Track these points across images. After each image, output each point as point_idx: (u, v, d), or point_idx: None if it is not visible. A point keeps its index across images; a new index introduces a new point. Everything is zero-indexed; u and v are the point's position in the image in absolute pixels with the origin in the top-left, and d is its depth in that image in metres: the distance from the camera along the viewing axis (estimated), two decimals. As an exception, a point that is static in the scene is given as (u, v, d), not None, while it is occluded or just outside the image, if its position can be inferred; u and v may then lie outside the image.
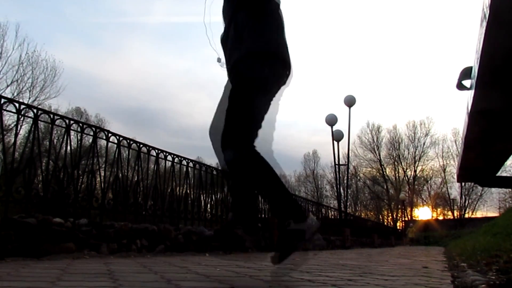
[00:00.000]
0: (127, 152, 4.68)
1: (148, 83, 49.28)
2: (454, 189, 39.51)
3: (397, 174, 41.95)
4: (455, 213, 39.86)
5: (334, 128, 14.97)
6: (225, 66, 2.04)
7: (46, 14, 43.27)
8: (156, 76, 49.74)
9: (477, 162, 2.25)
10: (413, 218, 39.68)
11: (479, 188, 34.34)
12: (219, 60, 2.10)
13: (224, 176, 1.94)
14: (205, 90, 51.01)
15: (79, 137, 4.14)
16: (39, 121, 3.61)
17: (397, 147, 41.63)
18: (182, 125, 51.04)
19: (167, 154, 5.23)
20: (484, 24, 0.99)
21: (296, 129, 57.15)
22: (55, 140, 5.69)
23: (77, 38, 46.66)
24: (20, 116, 3.42)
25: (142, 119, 46.55)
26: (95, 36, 47.14)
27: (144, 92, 48.35)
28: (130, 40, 50.31)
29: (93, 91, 43.39)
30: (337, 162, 15.90)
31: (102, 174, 4.88)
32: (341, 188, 18.28)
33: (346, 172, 20.11)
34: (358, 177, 42.27)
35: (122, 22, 47.83)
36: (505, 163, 2.35)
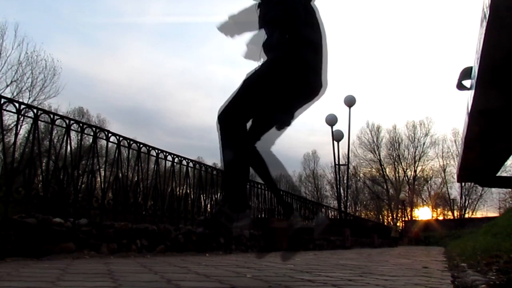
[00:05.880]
0: (127, 152, 4.68)
1: (145, 83, 49.35)
2: (454, 189, 39.50)
3: (397, 174, 41.95)
4: (455, 213, 39.83)
5: (334, 128, 14.98)
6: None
7: (43, 13, 43.28)
8: (152, 75, 49.78)
9: (477, 162, 2.25)
10: (413, 218, 39.68)
11: (479, 188, 34.32)
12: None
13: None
14: (201, 89, 51.11)
15: (79, 137, 4.14)
16: (39, 121, 3.61)
17: (397, 147, 41.61)
18: (179, 125, 51.07)
19: (167, 154, 5.23)
20: (484, 24, 0.99)
21: (293, 128, 56.97)
22: (55, 140, 5.69)
23: (74, 38, 46.71)
24: (20, 116, 3.42)
25: (139, 118, 46.59)
26: (92, 36, 47.17)
27: (141, 91, 48.38)
28: (127, 40, 50.35)
29: (90, 90, 43.39)
30: (337, 162, 15.92)
31: (102, 174, 4.88)
32: (341, 188, 18.30)
33: (346, 172, 20.14)
34: (358, 177, 42.25)
35: (119, 22, 47.87)
36: (505, 163, 2.35)
